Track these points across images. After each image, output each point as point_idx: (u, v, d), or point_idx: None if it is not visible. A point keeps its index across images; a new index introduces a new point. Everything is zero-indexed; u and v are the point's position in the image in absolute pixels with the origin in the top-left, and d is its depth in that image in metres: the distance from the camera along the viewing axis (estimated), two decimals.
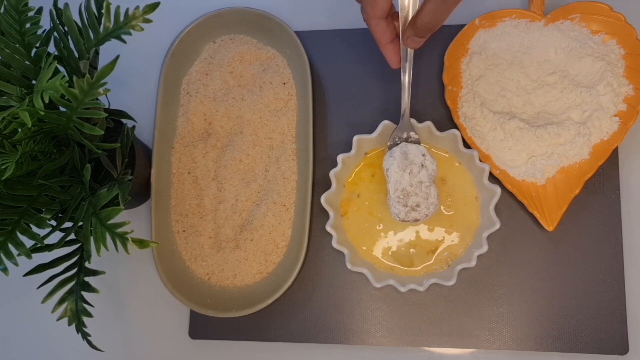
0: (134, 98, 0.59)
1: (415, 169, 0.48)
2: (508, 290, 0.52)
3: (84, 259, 0.46)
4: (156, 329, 0.56)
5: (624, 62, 0.51)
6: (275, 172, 0.55)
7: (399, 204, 0.48)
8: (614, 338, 0.50)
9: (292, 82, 0.56)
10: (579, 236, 0.52)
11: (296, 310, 0.54)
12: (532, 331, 0.51)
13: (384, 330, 0.53)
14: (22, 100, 0.43)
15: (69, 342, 0.56)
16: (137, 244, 0.40)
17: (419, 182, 0.48)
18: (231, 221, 0.55)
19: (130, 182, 0.46)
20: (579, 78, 0.52)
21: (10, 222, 0.43)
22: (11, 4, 0.42)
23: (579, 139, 0.50)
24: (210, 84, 0.57)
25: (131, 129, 0.50)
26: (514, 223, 0.53)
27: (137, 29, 0.44)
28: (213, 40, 0.58)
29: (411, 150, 0.48)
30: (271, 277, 0.53)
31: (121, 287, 0.57)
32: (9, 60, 0.43)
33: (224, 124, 0.56)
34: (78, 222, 0.44)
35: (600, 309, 0.51)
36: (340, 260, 0.52)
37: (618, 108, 0.51)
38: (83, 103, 0.40)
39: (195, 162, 0.56)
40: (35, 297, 0.48)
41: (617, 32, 0.51)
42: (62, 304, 0.45)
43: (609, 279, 0.51)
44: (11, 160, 0.39)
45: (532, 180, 0.51)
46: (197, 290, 0.54)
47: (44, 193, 0.44)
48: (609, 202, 0.52)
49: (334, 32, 0.58)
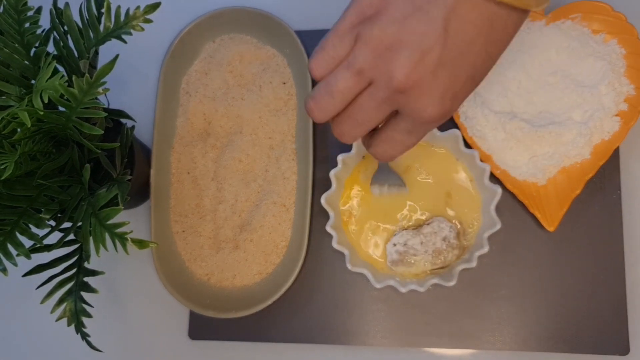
0: (133, 98, 0.59)
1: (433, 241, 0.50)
2: (509, 290, 0.52)
3: (83, 260, 0.46)
4: (155, 330, 0.56)
5: (625, 61, 0.51)
6: (275, 172, 0.55)
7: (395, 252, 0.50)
8: (615, 338, 0.50)
9: (292, 82, 0.56)
10: (580, 236, 0.52)
11: (296, 311, 0.54)
12: (533, 332, 0.51)
13: (384, 331, 0.52)
14: (21, 100, 0.43)
15: (68, 343, 0.56)
16: (136, 244, 0.40)
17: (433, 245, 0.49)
18: (231, 221, 0.54)
19: (129, 182, 0.46)
20: (581, 78, 0.52)
21: (9, 222, 0.43)
22: (10, 3, 0.42)
23: (580, 138, 0.50)
24: (209, 84, 0.57)
25: (130, 129, 0.50)
26: (514, 223, 0.52)
27: (138, 29, 0.44)
28: (213, 39, 0.58)
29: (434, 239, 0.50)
30: (271, 277, 0.53)
31: (120, 288, 0.57)
32: (8, 59, 0.43)
33: (223, 124, 0.56)
34: (77, 223, 0.44)
35: (601, 310, 0.51)
36: (341, 261, 0.52)
37: (619, 108, 0.51)
38: (82, 103, 0.40)
39: (194, 162, 0.56)
40: (34, 297, 0.48)
41: (618, 32, 0.51)
42: (61, 305, 0.45)
43: (610, 279, 0.51)
44: (10, 160, 0.39)
45: (533, 180, 0.51)
46: (196, 290, 0.53)
47: (43, 193, 0.44)
48: (610, 202, 0.52)
49: None
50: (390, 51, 0.33)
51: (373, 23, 0.34)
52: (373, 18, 0.34)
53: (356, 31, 0.35)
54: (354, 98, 0.36)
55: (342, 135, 0.38)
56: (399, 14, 0.33)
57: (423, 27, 0.33)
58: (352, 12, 0.35)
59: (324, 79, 0.36)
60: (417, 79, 0.33)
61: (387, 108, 0.36)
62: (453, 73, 0.34)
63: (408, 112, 0.35)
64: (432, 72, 0.33)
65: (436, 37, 0.33)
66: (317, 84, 0.37)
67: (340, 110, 0.37)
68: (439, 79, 0.34)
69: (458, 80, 0.34)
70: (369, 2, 0.34)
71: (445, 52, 0.33)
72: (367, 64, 0.34)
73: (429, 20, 0.32)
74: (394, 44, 0.33)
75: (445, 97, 0.34)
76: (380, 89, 0.35)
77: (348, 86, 0.35)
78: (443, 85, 0.34)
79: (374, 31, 0.34)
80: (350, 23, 0.35)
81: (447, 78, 0.34)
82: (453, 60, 0.33)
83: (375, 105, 0.36)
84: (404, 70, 0.33)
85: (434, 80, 0.34)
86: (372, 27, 0.34)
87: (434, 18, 0.32)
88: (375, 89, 0.35)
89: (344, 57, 0.35)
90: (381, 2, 0.34)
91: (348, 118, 0.37)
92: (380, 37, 0.33)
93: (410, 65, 0.33)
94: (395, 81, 0.34)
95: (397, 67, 0.33)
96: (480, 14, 0.33)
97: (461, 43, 0.33)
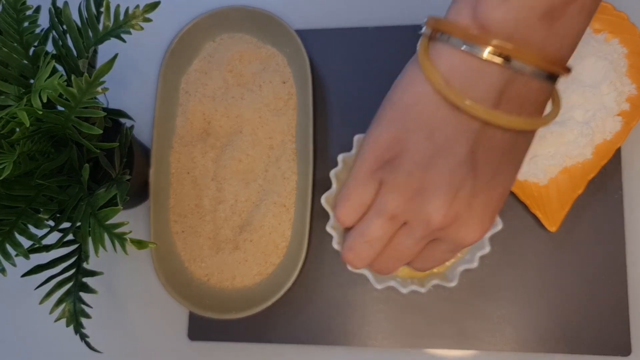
0: (133, 97, 0.59)
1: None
2: (510, 291, 0.52)
3: (82, 260, 0.45)
4: (155, 330, 0.56)
5: (627, 61, 0.51)
6: (275, 172, 0.54)
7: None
8: (616, 339, 0.50)
9: (292, 81, 0.56)
10: (581, 237, 0.52)
11: (296, 311, 0.53)
12: (535, 332, 0.51)
13: (385, 332, 0.52)
14: (20, 99, 0.43)
15: (67, 343, 0.56)
16: (135, 244, 0.40)
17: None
18: (230, 222, 0.54)
19: (128, 182, 0.46)
20: (582, 77, 0.52)
21: (8, 223, 0.42)
22: (9, 2, 0.42)
23: (582, 138, 0.50)
24: (209, 83, 0.57)
25: (130, 129, 0.50)
26: (516, 224, 0.52)
27: (137, 28, 0.44)
28: (212, 39, 0.58)
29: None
30: (271, 278, 0.53)
31: (119, 288, 0.57)
32: (6, 59, 0.43)
33: (223, 124, 0.56)
34: (76, 223, 0.44)
35: (603, 310, 0.50)
36: (341, 262, 0.52)
37: (621, 107, 0.50)
38: (81, 102, 0.40)
39: (194, 162, 0.56)
40: (33, 298, 0.48)
41: (620, 31, 0.51)
42: (60, 305, 0.45)
43: (611, 279, 0.51)
44: (9, 160, 0.39)
45: (534, 180, 0.51)
46: (196, 291, 0.53)
47: (42, 193, 0.44)
48: (612, 202, 0.52)
49: (335, 30, 0.57)
50: (422, 195, 0.33)
51: (396, 168, 0.33)
52: (394, 163, 0.33)
53: (378, 176, 0.34)
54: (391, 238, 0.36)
55: (381, 271, 0.38)
56: (422, 156, 0.32)
57: (450, 166, 0.32)
58: (369, 158, 0.34)
59: (356, 227, 0.36)
60: (454, 216, 0.33)
61: (425, 242, 0.36)
62: (488, 197, 0.33)
63: (449, 241, 0.35)
64: (467, 205, 0.33)
65: (465, 172, 0.32)
66: (350, 233, 0.36)
67: (379, 254, 0.37)
68: (476, 208, 0.33)
69: (494, 200, 0.34)
70: (387, 146, 0.34)
71: (477, 183, 0.32)
72: (399, 209, 0.34)
73: (454, 157, 0.32)
74: (423, 187, 0.33)
75: (484, 220, 0.34)
76: (418, 230, 0.34)
77: (384, 232, 0.35)
78: (481, 212, 0.33)
79: (399, 177, 0.33)
80: (370, 169, 0.34)
81: (483, 204, 0.33)
82: (486, 186, 0.33)
83: (414, 243, 0.35)
84: (441, 211, 0.33)
85: (471, 211, 0.33)
86: (397, 172, 0.33)
87: (459, 153, 0.32)
88: (412, 230, 0.35)
89: (371, 203, 0.35)
90: (398, 145, 0.33)
91: (388, 258, 0.37)
92: (408, 182, 0.33)
93: (445, 205, 0.32)
94: (433, 223, 0.33)
95: (433, 210, 0.33)
96: (502, 136, 0.32)
97: (490, 169, 0.32)
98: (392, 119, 0.34)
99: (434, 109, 0.32)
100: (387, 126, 0.34)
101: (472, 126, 0.31)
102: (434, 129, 0.32)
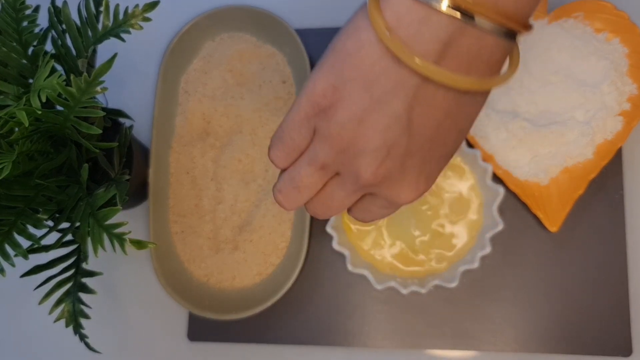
0: (132, 97, 0.59)
1: None
2: (511, 291, 0.51)
3: (81, 260, 0.45)
4: (154, 331, 0.55)
5: (628, 60, 0.51)
6: (275, 172, 0.54)
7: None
8: (618, 339, 0.50)
9: (292, 81, 0.56)
10: (582, 237, 0.52)
11: (296, 312, 0.53)
12: (535, 333, 0.51)
13: (385, 333, 0.52)
14: (19, 99, 0.43)
15: (66, 344, 0.56)
16: (134, 244, 0.40)
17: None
18: (230, 222, 0.54)
19: (128, 182, 0.46)
20: (583, 77, 0.52)
21: (7, 223, 0.42)
22: (8, 2, 0.42)
23: (583, 138, 0.50)
24: (209, 83, 0.57)
25: (129, 129, 0.49)
26: (517, 224, 0.52)
27: (137, 28, 0.44)
28: (212, 38, 0.57)
29: None
30: (271, 278, 0.53)
31: (119, 289, 0.57)
32: (5, 58, 0.43)
33: (222, 123, 0.56)
34: (75, 223, 0.44)
35: (604, 310, 0.50)
36: (341, 262, 0.52)
37: (622, 107, 0.50)
38: (81, 102, 0.40)
39: (193, 162, 0.55)
40: (32, 298, 0.48)
41: (621, 31, 0.51)
42: (59, 305, 0.45)
43: (612, 279, 0.51)
44: (8, 160, 0.39)
45: (535, 180, 0.51)
46: (195, 292, 0.53)
47: (41, 193, 0.44)
48: (613, 202, 0.52)
49: (334, 30, 0.57)
50: (353, 149, 0.31)
51: (330, 118, 0.31)
52: (328, 111, 0.31)
53: (313, 123, 0.32)
54: (323, 186, 0.34)
55: (316, 215, 0.37)
56: (357, 108, 0.30)
57: (385, 121, 0.30)
58: (305, 103, 0.33)
59: (288, 171, 0.35)
60: (385, 173, 0.31)
61: (358, 195, 0.34)
62: (423, 158, 0.32)
63: (382, 196, 0.34)
64: (400, 164, 0.31)
65: (401, 129, 0.30)
66: (282, 175, 0.35)
67: (309, 199, 0.35)
68: (409, 168, 0.32)
69: (430, 163, 0.32)
70: (323, 93, 0.31)
71: (412, 141, 0.31)
72: (329, 159, 0.32)
73: (390, 112, 0.30)
74: (355, 141, 0.31)
75: (419, 181, 0.32)
76: (348, 182, 0.33)
77: (313, 181, 0.34)
78: (414, 173, 0.32)
79: (332, 127, 0.31)
80: (306, 114, 0.33)
81: (417, 165, 0.32)
82: (421, 147, 0.31)
83: (346, 195, 0.34)
84: (371, 169, 0.31)
85: (404, 170, 0.32)
86: (330, 122, 0.31)
87: (396, 109, 0.30)
88: (343, 182, 0.33)
89: (304, 148, 0.34)
90: (335, 94, 0.31)
91: (320, 204, 0.35)
92: (340, 134, 0.31)
93: (375, 163, 0.31)
94: (362, 179, 0.32)
95: (363, 165, 0.31)
96: (444, 95, 0.30)
97: (428, 129, 0.31)
98: (332, 65, 0.32)
99: (376, 59, 0.30)
100: (326, 72, 0.32)
101: (412, 81, 0.29)
102: (372, 81, 0.30)
